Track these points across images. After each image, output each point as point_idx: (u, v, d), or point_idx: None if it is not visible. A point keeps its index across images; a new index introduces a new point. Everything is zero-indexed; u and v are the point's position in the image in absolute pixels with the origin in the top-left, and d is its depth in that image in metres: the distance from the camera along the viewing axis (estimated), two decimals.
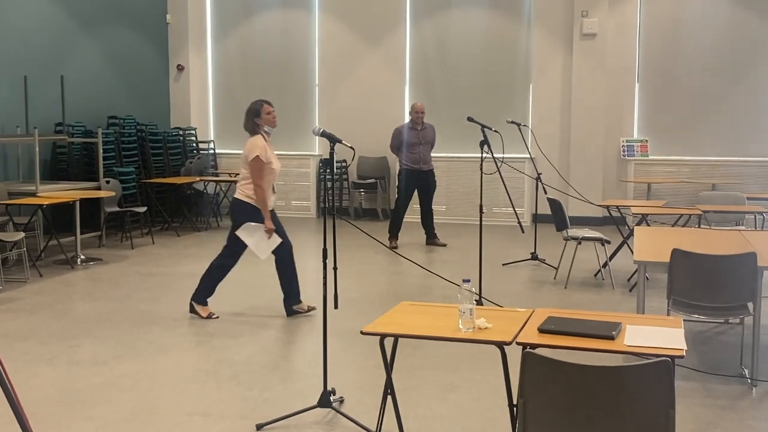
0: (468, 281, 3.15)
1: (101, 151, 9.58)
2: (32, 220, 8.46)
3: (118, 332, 5.76)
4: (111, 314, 6.28)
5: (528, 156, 10.06)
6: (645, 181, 10.75)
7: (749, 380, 4.60)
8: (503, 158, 7.44)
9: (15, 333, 5.74)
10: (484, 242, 6.67)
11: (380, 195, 11.84)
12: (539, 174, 8.66)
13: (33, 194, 8.37)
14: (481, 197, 6.63)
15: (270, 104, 6.02)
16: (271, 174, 5.92)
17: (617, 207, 8.13)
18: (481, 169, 6.54)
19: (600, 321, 3.12)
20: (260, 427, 3.98)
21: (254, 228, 5.85)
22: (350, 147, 4.49)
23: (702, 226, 7.36)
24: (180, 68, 12.44)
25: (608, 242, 7.42)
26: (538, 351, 2.67)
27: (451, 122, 11.16)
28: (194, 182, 10.83)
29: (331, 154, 4.30)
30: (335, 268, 4.53)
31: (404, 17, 11.77)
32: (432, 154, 9.42)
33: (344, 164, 11.76)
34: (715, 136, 10.85)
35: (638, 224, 7.44)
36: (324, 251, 4.30)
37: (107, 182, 9.50)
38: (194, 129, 12.25)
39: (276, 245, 5.90)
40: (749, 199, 8.25)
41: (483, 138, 6.53)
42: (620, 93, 11.11)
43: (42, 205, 8.08)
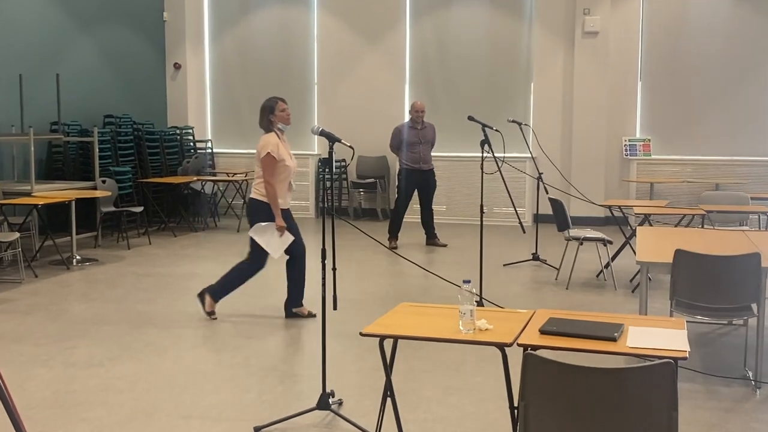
0: (468, 282, 3.15)
1: (97, 151, 9.58)
2: (27, 220, 8.46)
3: (115, 334, 5.76)
4: (107, 315, 6.28)
5: (529, 155, 10.06)
6: (647, 181, 10.75)
7: (753, 382, 4.60)
8: (504, 158, 7.44)
9: (10, 334, 5.73)
10: (485, 243, 6.67)
11: (380, 195, 11.84)
12: (540, 174, 8.66)
13: (28, 194, 8.37)
14: (482, 197, 6.63)
15: (284, 101, 6.05)
16: (285, 171, 5.91)
17: (619, 207, 8.13)
18: (482, 169, 6.54)
19: (602, 322, 3.12)
20: (258, 430, 3.98)
21: (265, 227, 5.84)
22: (349, 146, 4.49)
23: (705, 227, 7.36)
24: (177, 66, 12.44)
25: (610, 242, 7.42)
26: (540, 353, 2.66)
27: (452, 121, 11.16)
28: (191, 182, 10.83)
29: (330, 154, 4.30)
30: (334, 269, 4.53)
31: (404, 15, 11.78)
32: (432, 154, 9.43)
33: (343, 164, 11.76)
34: (719, 136, 10.86)
35: (641, 224, 7.44)
36: (323, 252, 4.30)
37: (103, 182, 9.50)
38: (191, 128, 12.25)
39: (288, 243, 5.88)
40: (753, 199, 8.25)
41: (484, 137, 6.53)
42: (622, 92, 11.11)
43: (37, 205, 8.08)
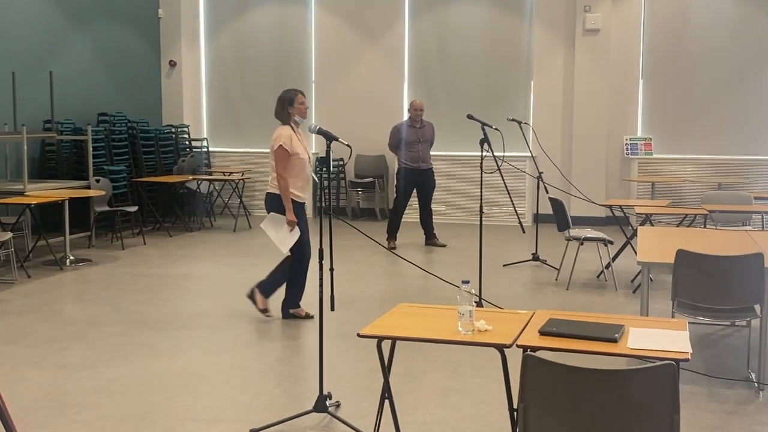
0: (467, 282, 3.14)
1: (91, 149, 9.57)
2: (20, 220, 8.45)
3: (108, 335, 5.75)
4: (101, 316, 6.27)
5: (529, 154, 10.05)
6: (649, 180, 10.75)
7: (756, 384, 4.60)
8: (504, 157, 7.44)
9: (2, 336, 5.72)
10: (485, 243, 6.67)
11: (378, 194, 11.84)
12: (540, 173, 8.66)
13: (21, 193, 8.36)
14: (481, 197, 6.63)
15: (303, 94, 6.10)
16: (300, 164, 5.89)
17: (620, 207, 8.13)
18: (482, 168, 6.53)
19: (602, 323, 3.12)
20: None
21: (277, 219, 5.83)
22: (347, 145, 4.49)
23: (707, 227, 7.37)
24: (172, 64, 12.43)
25: (611, 243, 7.43)
26: (539, 354, 2.66)
27: (451, 120, 11.16)
28: (187, 181, 10.82)
29: (328, 153, 4.29)
30: (332, 269, 4.52)
31: (403, 12, 11.77)
32: (431, 153, 9.42)
33: (341, 163, 11.76)
34: (721, 134, 10.86)
35: (642, 224, 7.44)
36: (320, 252, 4.29)
37: (97, 181, 9.49)
38: (187, 126, 12.24)
39: (296, 238, 5.86)
40: (756, 199, 8.25)
41: (483, 136, 6.53)
42: (624, 90, 11.11)
43: (30, 205, 8.07)
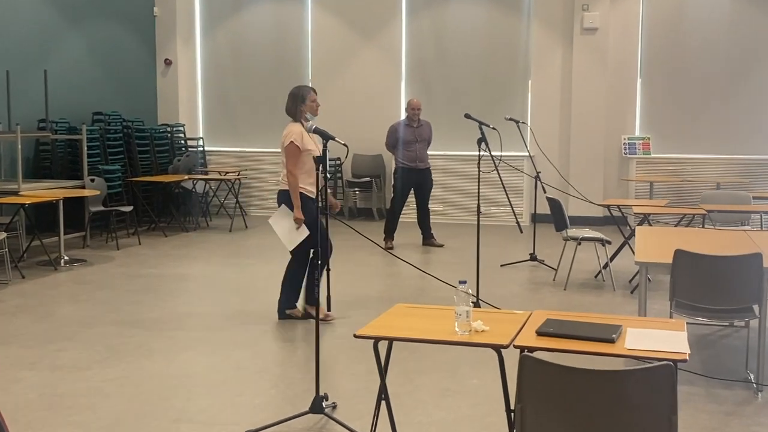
0: (464, 282, 3.15)
1: (86, 149, 9.56)
2: (14, 220, 8.44)
3: (103, 336, 5.74)
4: (95, 317, 6.26)
5: (527, 154, 10.07)
6: (647, 180, 10.76)
7: (755, 385, 4.61)
8: (501, 156, 7.45)
9: None
10: (482, 243, 6.67)
11: (375, 194, 11.84)
12: (538, 173, 8.67)
13: (15, 193, 8.34)
14: (479, 196, 6.63)
15: (315, 91, 6.13)
16: (311, 161, 5.90)
17: (618, 206, 8.14)
18: (479, 168, 6.54)
19: (600, 324, 3.12)
20: None
21: (286, 215, 5.81)
22: (344, 144, 4.49)
23: (706, 226, 7.38)
24: (168, 62, 12.42)
25: (609, 243, 7.43)
26: (536, 354, 2.66)
27: (448, 119, 11.16)
28: (182, 181, 10.81)
29: (324, 152, 4.30)
30: (328, 270, 4.53)
31: (400, 10, 11.77)
32: (428, 152, 9.43)
33: (338, 162, 11.76)
34: (720, 134, 10.88)
35: (640, 224, 7.45)
36: (317, 252, 4.29)
37: (92, 180, 9.48)
38: (182, 125, 12.23)
39: (304, 237, 5.84)
40: (755, 198, 8.26)
41: (481, 135, 6.54)
42: (622, 89, 11.13)
43: (24, 204, 8.06)
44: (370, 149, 11.53)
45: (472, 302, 3.20)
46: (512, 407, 2.75)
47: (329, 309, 4.37)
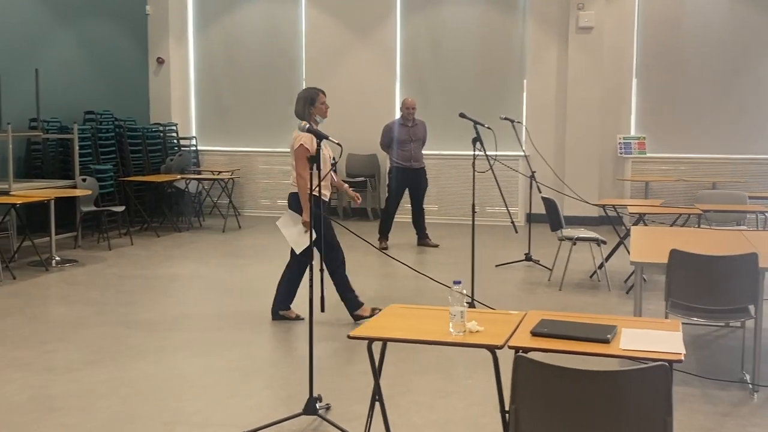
0: (459, 283, 3.15)
1: (77, 148, 9.53)
2: (5, 220, 8.41)
3: (95, 337, 5.73)
4: (87, 318, 6.25)
5: (522, 153, 10.08)
6: (642, 180, 10.78)
7: (750, 386, 4.62)
8: (496, 156, 7.45)
9: None
10: (477, 243, 6.68)
11: (370, 194, 11.84)
12: (533, 172, 8.67)
13: (6, 193, 8.31)
14: (474, 196, 6.64)
15: (324, 93, 6.06)
16: (325, 164, 5.90)
17: (614, 206, 8.15)
18: (474, 167, 6.54)
19: (595, 324, 3.12)
20: None
21: (294, 218, 5.81)
22: (338, 143, 4.49)
23: (702, 226, 7.39)
24: (160, 61, 12.40)
25: (604, 243, 7.45)
26: (531, 355, 2.67)
27: (443, 118, 11.16)
28: (175, 180, 10.79)
29: (318, 151, 4.29)
30: (322, 270, 4.53)
31: (395, 9, 11.77)
32: (423, 152, 9.43)
33: (332, 162, 11.72)
34: (716, 133, 10.90)
35: (635, 224, 7.46)
36: (310, 252, 4.28)
37: (83, 180, 9.46)
38: (175, 125, 12.21)
39: (312, 239, 5.82)
40: (751, 198, 8.28)
41: (476, 135, 6.54)
42: (617, 88, 11.14)
43: (15, 204, 8.03)
44: (365, 149, 11.52)
45: (467, 303, 3.20)
46: (507, 408, 2.76)
47: (323, 309, 4.37)
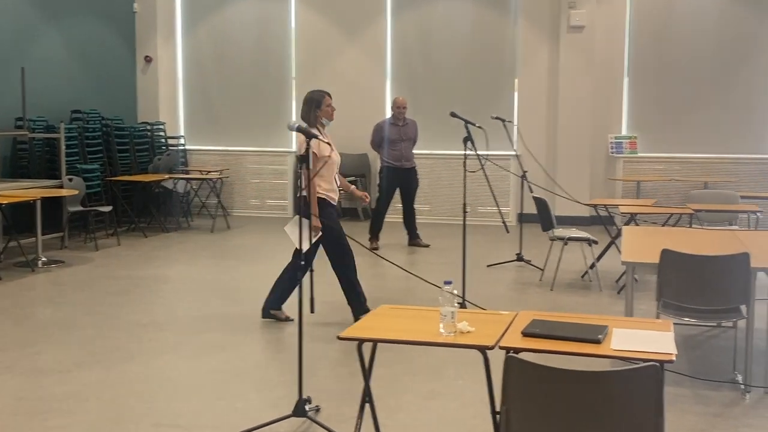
0: (450, 283, 3.15)
1: (64, 147, 9.49)
2: None
3: (82, 338, 5.71)
4: (74, 319, 6.22)
5: (513, 153, 10.10)
6: (634, 179, 10.82)
7: (742, 386, 4.63)
8: (487, 155, 7.46)
9: None
10: (469, 243, 6.68)
11: None
12: (525, 172, 8.69)
13: None
14: (465, 196, 6.64)
15: (330, 95, 6.06)
16: (330, 168, 5.90)
17: (605, 206, 8.17)
18: (465, 167, 6.54)
19: (586, 324, 3.13)
20: None
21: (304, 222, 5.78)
22: (327, 143, 4.49)
23: (693, 226, 7.42)
24: (148, 60, 12.36)
25: (596, 242, 7.47)
26: (522, 355, 2.67)
27: (434, 118, 11.16)
28: (163, 180, 10.76)
29: (307, 150, 4.29)
30: (311, 271, 4.52)
31: (385, 8, 11.77)
32: (414, 151, 9.43)
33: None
34: (707, 133, 10.94)
35: (627, 224, 7.48)
36: (299, 252, 4.27)
37: (70, 180, 9.42)
38: (163, 124, 12.18)
39: (316, 238, 5.80)
40: (743, 198, 8.31)
41: (467, 134, 6.54)
42: (609, 88, 11.17)
43: (1, 204, 7.99)
44: (355, 148, 11.51)
45: (458, 303, 3.20)
46: (498, 409, 2.76)
47: (312, 310, 4.37)
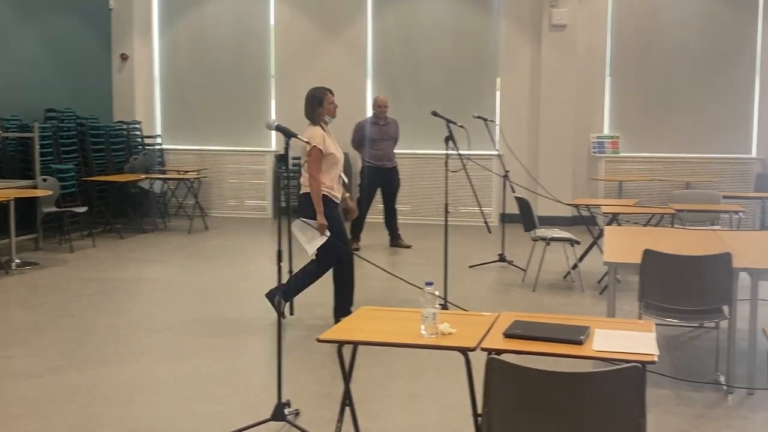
0: (431, 284, 3.15)
1: (38, 147, 9.42)
2: None
3: (56, 342, 5.66)
4: (48, 323, 6.17)
5: (495, 153, 10.12)
6: (616, 179, 10.88)
7: (725, 387, 4.67)
8: (469, 155, 7.47)
9: None
10: (450, 243, 6.69)
11: None
12: (507, 172, 8.71)
13: None
14: (447, 196, 6.65)
15: (332, 93, 6.08)
16: (335, 166, 5.90)
17: (587, 206, 8.22)
18: (446, 167, 6.55)
19: (568, 325, 3.14)
20: None
21: (308, 223, 5.76)
22: (306, 142, 4.48)
23: (675, 226, 7.47)
24: (124, 57, 12.27)
25: (578, 243, 7.50)
26: (504, 357, 2.68)
27: (416, 117, 11.17)
28: (139, 180, 10.70)
29: (287, 150, 4.27)
30: (291, 272, 4.51)
31: (365, 6, 11.76)
32: (395, 151, 9.43)
33: (301, 161, 11.69)
34: (690, 133, 11.03)
35: (609, 224, 7.53)
36: (279, 253, 4.27)
37: (44, 180, 9.34)
38: (139, 123, 12.10)
39: (324, 240, 5.77)
40: (725, 198, 8.38)
41: (448, 134, 6.55)
42: (591, 87, 11.23)
43: None
44: None
45: (440, 304, 3.21)
46: (480, 411, 2.76)
47: (292, 312, 4.35)
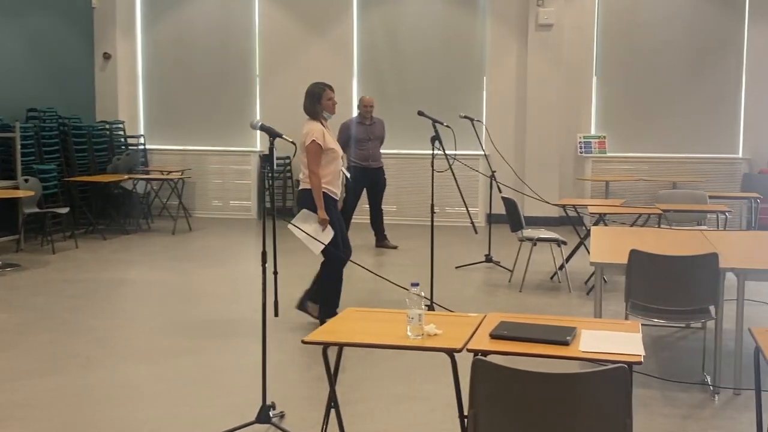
0: (417, 285, 3.15)
1: (19, 147, 9.37)
2: None
3: (38, 344, 5.63)
4: (30, 325, 6.14)
5: (482, 153, 10.14)
6: (603, 179, 10.93)
7: (711, 387, 4.70)
8: (456, 155, 7.48)
9: None
10: (437, 244, 6.70)
11: None
12: (493, 172, 8.73)
13: None
14: (433, 196, 6.66)
15: (332, 89, 6.12)
16: (335, 161, 5.90)
17: (574, 206, 8.24)
18: (433, 167, 6.56)
19: (554, 326, 3.16)
20: None
21: (309, 218, 5.75)
22: (291, 142, 4.46)
23: (662, 226, 7.51)
24: (107, 56, 12.22)
25: (565, 243, 7.53)
26: (490, 358, 2.68)
27: (402, 117, 11.18)
28: (122, 181, 10.65)
29: (271, 150, 4.26)
30: (275, 273, 4.50)
31: (351, 4, 11.77)
32: (381, 151, 9.44)
33: (287, 161, 11.70)
34: (676, 133, 11.09)
35: (595, 224, 7.56)
36: (263, 254, 4.26)
37: (26, 181, 9.29)
38: (122, 123, 12.05)
39: (330, 238, 5.78)
40: (711, 198, 8.44)
41: (434, 133, 6.56)
42: (577, 87, 11.28)
43: None
44: None
45: (426, 305, 3.21)
46: (466, 413, 2.77)
47: (276, 314, 4.35)
